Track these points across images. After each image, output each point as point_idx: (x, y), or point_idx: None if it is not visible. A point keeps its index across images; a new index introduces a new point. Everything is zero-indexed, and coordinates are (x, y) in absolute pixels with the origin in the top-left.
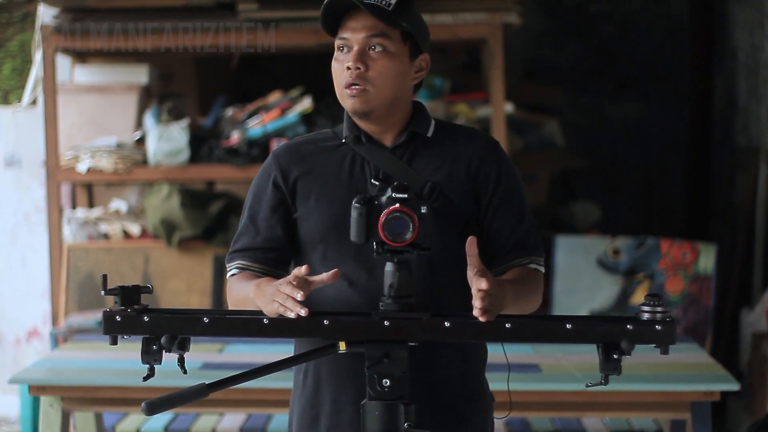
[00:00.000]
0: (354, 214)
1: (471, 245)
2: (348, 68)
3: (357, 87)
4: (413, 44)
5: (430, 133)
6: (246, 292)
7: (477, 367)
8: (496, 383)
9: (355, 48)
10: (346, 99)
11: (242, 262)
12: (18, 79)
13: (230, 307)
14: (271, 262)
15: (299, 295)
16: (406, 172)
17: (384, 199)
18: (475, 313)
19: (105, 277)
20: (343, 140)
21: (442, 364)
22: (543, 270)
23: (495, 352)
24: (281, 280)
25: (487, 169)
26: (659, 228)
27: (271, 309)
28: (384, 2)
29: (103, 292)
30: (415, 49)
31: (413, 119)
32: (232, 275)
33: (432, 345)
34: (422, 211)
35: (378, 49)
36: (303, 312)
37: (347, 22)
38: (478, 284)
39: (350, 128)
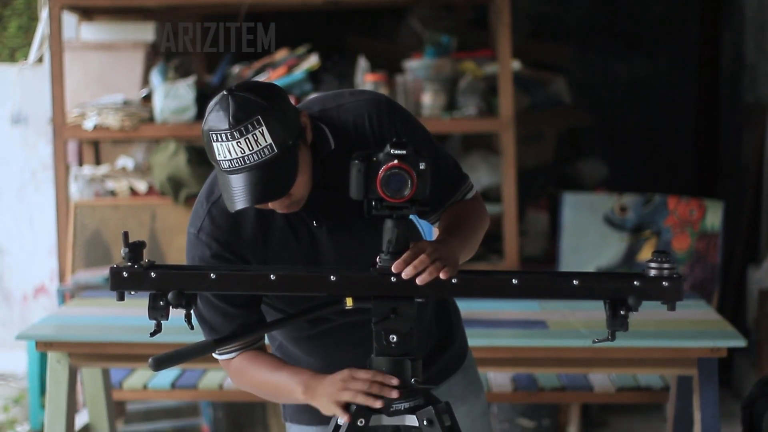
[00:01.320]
0: (352, 170)
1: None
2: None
3: (291, 210)
4: (295, 140)
5: (333, 145)
6: (280, 383)
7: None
8: (500, 339)
9: (274, 205)
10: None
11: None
12: (24, 37)
13: (246, 389)
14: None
15: (395, 394)
16: (337, 197)
17: (382, 155)
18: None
19: (126, 234)
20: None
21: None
22: (473, 192)
23: (499, 309)
24: (351, 374)
25: (390, 136)
26: (666, 185)
27: (336, 399)
28: (285, 180)
29: (124, 249)
30: (300, 134)
31: (315, 148)
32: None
33: None
34: (420, 167)
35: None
36: (395, 394)
37: None
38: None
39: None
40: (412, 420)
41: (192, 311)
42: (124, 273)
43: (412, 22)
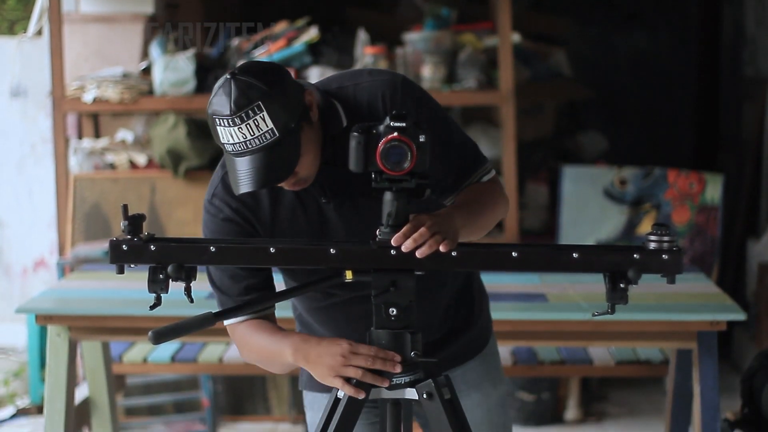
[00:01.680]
0: (352, 143)
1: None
2: None
3: (297, 188)
4: (297, 122)
5: (344, 123)
6: (272, 348)
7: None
8: (500, 312)
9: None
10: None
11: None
12: (23, 10)
13: (249, 359)
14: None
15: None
16: (346, 175)
17: (382, 128)
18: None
19: (126, 207)
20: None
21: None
22: (491, 175)
23: (498, 282)
24: (351, 348)
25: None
26: (666, 158)
27: (338, 373)
28: (288, 162)
29: (123, 222)
30: (303, 115)
31: (325, 125)
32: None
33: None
34: (420, 139)
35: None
36: (398, 369)
37: None
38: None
39: None
40: (411, 393)
41: (191, 284)
42: (124, 246)
43: None
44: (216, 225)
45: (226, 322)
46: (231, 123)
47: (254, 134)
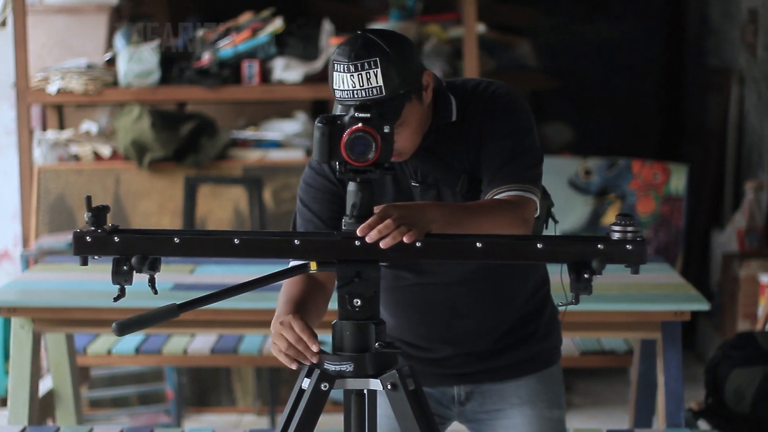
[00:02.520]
0: (316, 133)
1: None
2: None
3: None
4: (407, 91)
5: (453, 117)
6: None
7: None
8: None
9: None
10: None
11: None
12: None
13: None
14: None
15: (315, 359)
16: (440, 166)
17: (347, 118)
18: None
19: (89, 198)
20: None
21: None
22: (526, 195)
23: None
24: (290, 321)
25: (481, 126)
26: (631, 149)
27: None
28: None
29: (87, 214)
30: (415, 89)
31: (436, 113)
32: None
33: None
34: (385, 130)
35: (396, 129)
36: (315, 359)
37: None
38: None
39: None
40: (376, 384)
41: (155, 276)
42: (88, 238)
43: None
44: (313, 178)
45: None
46: (346, 69)
47: (363, 86)
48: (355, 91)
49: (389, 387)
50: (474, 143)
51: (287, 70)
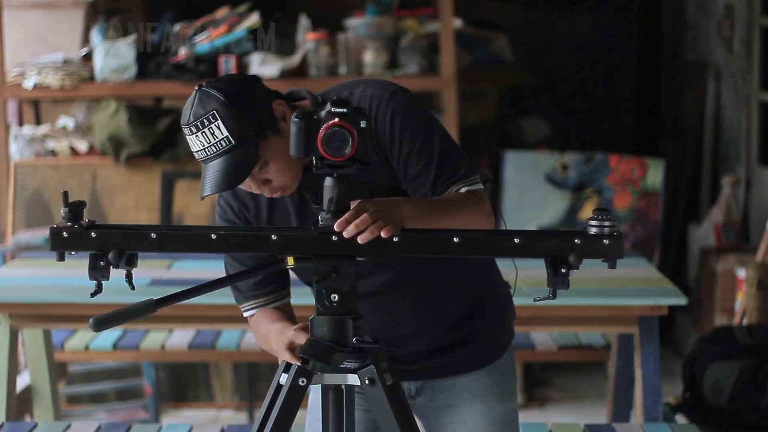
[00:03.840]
0: (293, 128)
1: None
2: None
3: (276, 194)
4: (257, 131)
5: None
6: (268, 336)
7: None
8: None
9: (249, 187)
10: None
11: (251, 303)
12: None
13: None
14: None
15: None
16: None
17: (323, 113)
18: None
19: (66, 193)
20: None
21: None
22: (473, 186)
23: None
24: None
25: (383, 132)
26: (608, 143)
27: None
28: (229, 181)
29: (64, 209)
30: (269, 125)
31: None
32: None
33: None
34: (362, 125)
35: (262, 169)
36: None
37: None
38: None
39: None
40: (353, 379)
41: (132, 271)
42: (64, 233)
43: None
44: (222, 223)
45: (245, 314)
46: (190, 132)
47: (210, 141)
48: (206, 149)
49: (367, 382)
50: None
51: (264, 65)
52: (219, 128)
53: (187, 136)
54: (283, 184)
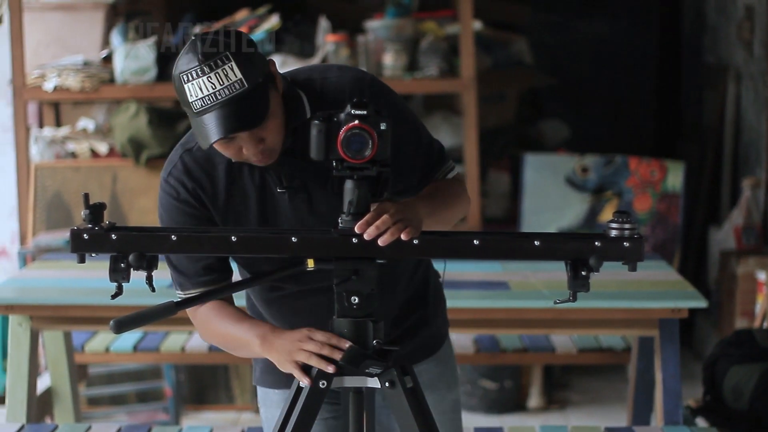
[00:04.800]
0: (313, 131)
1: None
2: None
3: (264, 158)
4: (264, 79)
5: (307, 114)
6: (239, 336)
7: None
8: (462, 300)
9: (246, 143)
10: (252, 162)
11: (191, 292)
12: None
13: (211, 341)
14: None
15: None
16: (306, 166)
17: (343, 115)
18: (367, 236)
19: (87, 195)
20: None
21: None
22: (454, 172)
23: (460, 270)
24: (309, 333)
25: None
26: (628, 146)
27: (292, 358)
28: (256, 114)
29: (84, 211)
30: (269, 78)
31: (288, 112)
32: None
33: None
34: (382, 127)
35: (265, 123)
36: (331, 369)
37: None
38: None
39: None
40: (374, 382)
41: (153, 273)
42: (85, 235)
43: None
44: (170, 204)
45: (183, 299)
46: (200, 72)
47: (223, 83)
48: (216, 93)
49: (387, 385)
50: None
51: (284, 67)
52: (233, 70)
53: (189, 84)
54: (275, 146)
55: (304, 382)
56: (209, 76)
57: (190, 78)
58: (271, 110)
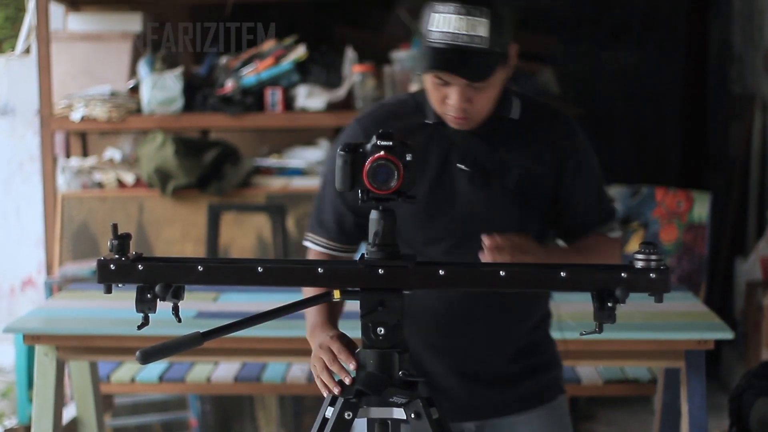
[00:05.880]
0: (339, 161)
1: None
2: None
3: (462, 117)
4: (505, 59)
5: (515, 115)
6: (309, 311)
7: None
8: None
9: (456, 92)
10: (447, 119)
11: (316, 238)
12: (11, 28)
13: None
14: (345, 240)
15: (348, 380)
16: (492, 156)
17: (369, 146)
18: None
19: (116, 226)
20: (429, 121)
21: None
22: (617, 233)
23: None
24: (328, 343)
25: (568, 154)
26: (654, 176)
27: (312, 363)
28: (479, 72)
29: (113, 241)
30: (505, 53)
31: (498, 103)
32: (308, 248)
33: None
34: (407, 158)
35: (480, 88)
36: (336, 390)
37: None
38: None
39: (437, 113)
40: (399, 413)
41: (179, 304)
42: (112, 265)
43: (400, 13)
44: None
45: (305, 243)
46: (455, 11)
47: (468, 32)
48: (458, 35)
49: (413, 416)
50: (541, 155)
51: (310, 98)
52: (483, 26)
53: (440, 14)
54: (476, 115)
55: (321, 388)
56: (461, 18)
57: (445, 10)
58: (491, 80)
